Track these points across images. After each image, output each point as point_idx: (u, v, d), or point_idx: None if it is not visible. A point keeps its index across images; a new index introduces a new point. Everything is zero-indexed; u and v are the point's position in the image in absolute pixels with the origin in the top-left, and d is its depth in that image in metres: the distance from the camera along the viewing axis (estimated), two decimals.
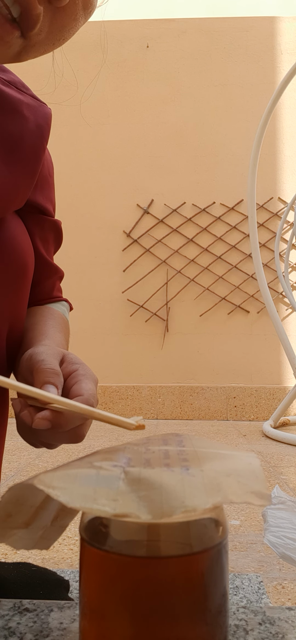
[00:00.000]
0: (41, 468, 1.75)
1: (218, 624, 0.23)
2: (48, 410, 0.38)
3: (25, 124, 0.52)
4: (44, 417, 0.38)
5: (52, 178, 0.62)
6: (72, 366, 0.44)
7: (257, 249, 2.42)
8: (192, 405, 2.99)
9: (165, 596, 0.22)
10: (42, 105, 0.55)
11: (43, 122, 0.54)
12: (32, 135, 0.52)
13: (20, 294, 0.53)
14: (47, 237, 0.62)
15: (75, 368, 0.44)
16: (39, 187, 0.57)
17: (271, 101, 2.28)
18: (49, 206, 0.60)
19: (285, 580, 0.96)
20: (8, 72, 0.54)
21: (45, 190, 0.59)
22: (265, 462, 1.86)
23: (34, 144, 0.53)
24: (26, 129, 0.52)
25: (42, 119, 0.54)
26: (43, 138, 0.54)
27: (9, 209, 0.50)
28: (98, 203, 3.14)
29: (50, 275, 0.63)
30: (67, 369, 0.44)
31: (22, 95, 0.53)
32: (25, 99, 0.53)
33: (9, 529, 0.28)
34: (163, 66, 3.19)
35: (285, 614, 0.29)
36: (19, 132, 0.51)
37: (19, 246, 0.51)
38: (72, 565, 1.03)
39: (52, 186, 0.62)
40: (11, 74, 0.55)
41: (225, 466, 0.24)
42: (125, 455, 0.27)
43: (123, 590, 0.22)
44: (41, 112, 0.54)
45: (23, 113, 0.52)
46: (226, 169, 3.12)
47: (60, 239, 0.65)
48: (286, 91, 2.96)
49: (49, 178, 0.61)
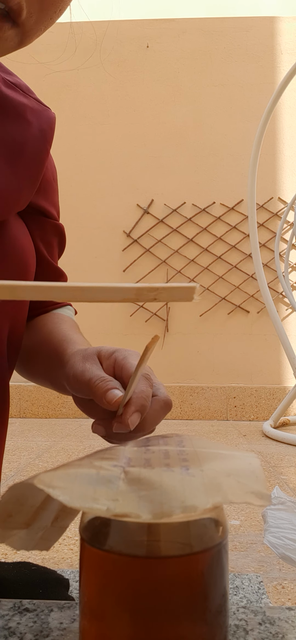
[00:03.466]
0: (41, 468, 1.75)
1: (218, 624, 0.23)
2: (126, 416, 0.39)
3: (28, 129, 0.52)
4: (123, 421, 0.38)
5: (56, 182, 0.62)
6: (111, 358, 0.44)
7: (257, 249, 2.42)
8: (192, 405, 2.99)
9: (165, 596, 0.22)
10: (46, 109, 0.55)
11: (46, 127, 0.54)
12: (36, 140, 0.52)
13: None
14: (50, 240, 0.61)
15: (115, 357, 0.44)
16: (42, 191, 0.57)
17: (271, 101, 2.28)
18: (53, 210, 0.60)
19: (285, 580, 0.96)
20: (13, 75, 0.55)
21: (49, 194, 0.59)
22: (265, 462, 1.86)
23: (37, 148, 0.53)
24: (29, 134, 0.52)
25: (45, 123, 0.54)
26: (46, 142, 0.54)
27: (11, 211, 0.51)
28: (98, 203, 3.14)
29: (55, 279, 0.63)
30: (109, 361, 0.44)
31: (26, 99, 0.53)
32: (30, 103, 0.53)
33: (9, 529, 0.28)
34: (163, 66, 3.19)
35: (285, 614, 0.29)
36: (23, 137, 0.51)
37: (20, 247, 0.51)
38: (72, 565, 1.03)
39: (56, 191, 0.62)
40: (16, 76, 0.55)
41: (225, 466, 0.24)
42: (125, 455, 0.27)
43: (123, 590, 0.22)
44: (45, 117, 0.54)
45: (27, 118, 0.52)
46: (226, 169, 3.12)
47: (64, 244, 0.65)
48: (286, 91, 2.96)
49: (53, 182, 0.61)
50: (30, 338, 0.60)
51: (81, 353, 0.46)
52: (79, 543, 0.25)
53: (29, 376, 0.62)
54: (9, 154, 0.50)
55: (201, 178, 3.13)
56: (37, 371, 0.59)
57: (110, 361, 0.44)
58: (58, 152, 3.12)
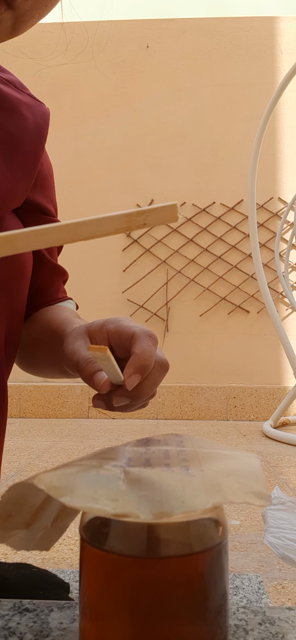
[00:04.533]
0: (41, 468, 1.75)
1: (218, 624, 0.23)
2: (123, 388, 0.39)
3: (24, 123, 0.52)
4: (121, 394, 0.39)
5: (52, 178, 0.62)
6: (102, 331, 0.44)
7: (257, 249, 2.42)
8: (192, 405, 2.99)
9: (165, 596, 0.22)
10: (40, 104, 0.56)
11: (42, 122, 0.54)
12: (31, 134, 0.52)
13: (18, 292, 0.53)
14: None
15: (107, 329, 0.43)
16: (38, 187, 0.57)
17: (271, 101, 2.28)
18: (50, 206, 0.60)
19: (285, 580, 0.96)
20: (6, 72, 0.55)
21: (46, 189, 0.59)
22: (265, 462, 1.86)
23: (33, 142, 0.53)
24: (25, 128, 0.52)
25: (40, 118, 0.54)
26: (42, 137, 0.54)
27: (8, 207, 0.50)
28: (98, 203, 3.14)
29: (56, 276, 0.63)
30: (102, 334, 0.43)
31: (20, 95, 0.53)
32: (24, 99, 0.53)
33: (9, 529, 0.28)
34: (163, 66, 3.19)
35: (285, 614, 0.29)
36: (19, 131, 0.51)
37: None
38: (72, 565, 1.03)
39: (52, 186, 0.62)
40: (9, 73, 0.55)
41: (225, 466, 0.24)
42: (125, 455, 0.27)
43: (123, 590, 0.22)
44: (40, 112, 0.54)
45: (22, 112, 0.52)
46: (226, 169, 3.12)
47: None
48: (286, 91, 2.96)
49: (49, 178, 0.60)
50: (32, 329, 0.59)
51: (74, 332, 0.46)
52: (79, 543, 0.25)
53: (33, 369, 0.62)
54: (5, 149, 0.50)
55: (201, 178, 3.13)
56: (42, 361, 0.58)
57: (102, 334, 0.43)
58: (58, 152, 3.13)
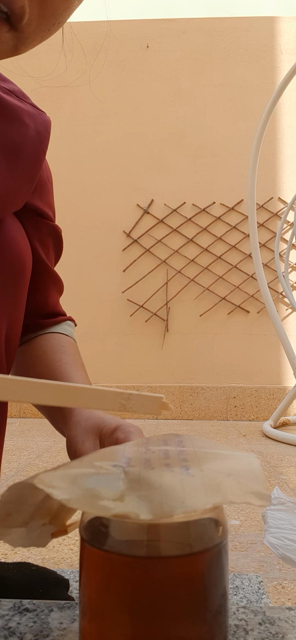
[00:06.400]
0: (41, 468, 1.75)
1: (218, 624, 0.23)
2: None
3: (25, 131, 0.53)
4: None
5: (51, 184, 0.63)
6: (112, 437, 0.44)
7: (257, 249, 2.42)
8: (192, 405, 2.99)
9: (165, 596, 0.22)
10: (42, 113, 0.56)
11: (43, 129, 0.55)
12: (33, 141, 0.53)
13: (18, 294, 0.53)
14: (46, 241, 0.62)
15: (116, 437, 0.44)
16: (37, 192, 0.58)
17: (271, 101, 2.28)
18: (48, 211, 0.61)
19: (285, 580, 0.96)
20: (8, 82, 0.55)
21: (44, 195, 0.60)
22: (265, 462, 1.86)
23: (35, 149, 0.53)
24: (27, 136, 0.53)
25: (41, 126, 0.55)
26: (43, 144, 0.55)
27: (9, 210, 0.51)
28: (98, 203, 3.14)
29: (51, 283, 0.63)
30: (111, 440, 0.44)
31: (22, 104, 0.54)
32: (25, 107, 0.54)
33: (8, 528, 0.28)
34: (163, 66, 3.19)
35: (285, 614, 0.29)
36: (20, 138, 0.52)
37: (16, 247, 0.52)
38: (72, 565, 1.03)
39: (51, 192, 0.63)
40: (11, 83, 0.56)
41: (225, 466, 0.24)
42: (125, 455, 0.27)
43: (123, 590, 0.22)
44: (41, 120, 0.55)
45: (24, 120, 0.53)
46: (226, 169, 3.12)
47: (60, 247, 0.65)
48: (286, 91, 2.96)
49: (48, 183, 0.61)
50: (27, 360, 0.60)
51: (82, 427, 0.47)
52: (79, 543, 0.25)
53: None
54: (7, 155, 0.51)
55: (201, 178, 3.13)
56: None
57: (111, 440, 0.44)
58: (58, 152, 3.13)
